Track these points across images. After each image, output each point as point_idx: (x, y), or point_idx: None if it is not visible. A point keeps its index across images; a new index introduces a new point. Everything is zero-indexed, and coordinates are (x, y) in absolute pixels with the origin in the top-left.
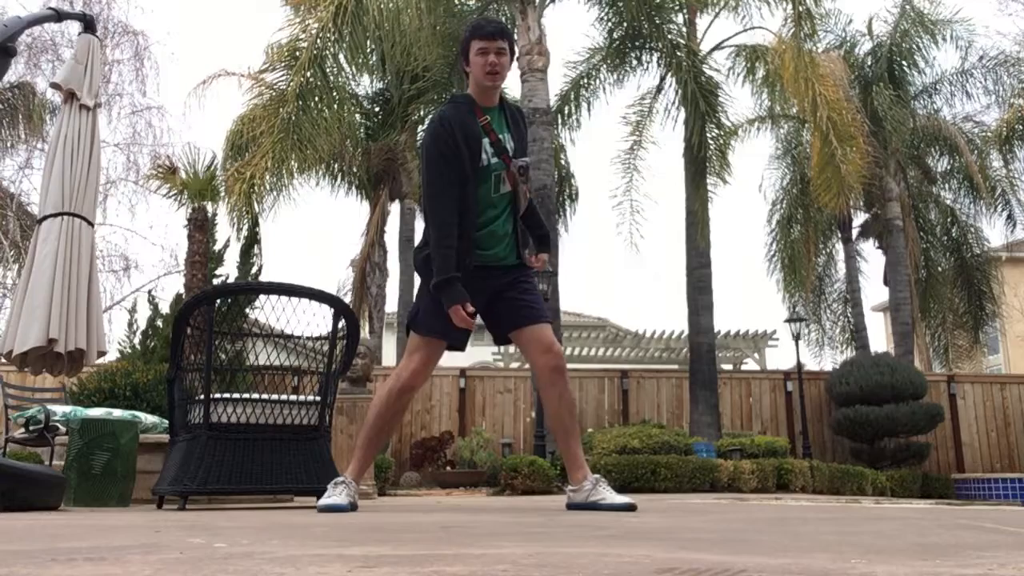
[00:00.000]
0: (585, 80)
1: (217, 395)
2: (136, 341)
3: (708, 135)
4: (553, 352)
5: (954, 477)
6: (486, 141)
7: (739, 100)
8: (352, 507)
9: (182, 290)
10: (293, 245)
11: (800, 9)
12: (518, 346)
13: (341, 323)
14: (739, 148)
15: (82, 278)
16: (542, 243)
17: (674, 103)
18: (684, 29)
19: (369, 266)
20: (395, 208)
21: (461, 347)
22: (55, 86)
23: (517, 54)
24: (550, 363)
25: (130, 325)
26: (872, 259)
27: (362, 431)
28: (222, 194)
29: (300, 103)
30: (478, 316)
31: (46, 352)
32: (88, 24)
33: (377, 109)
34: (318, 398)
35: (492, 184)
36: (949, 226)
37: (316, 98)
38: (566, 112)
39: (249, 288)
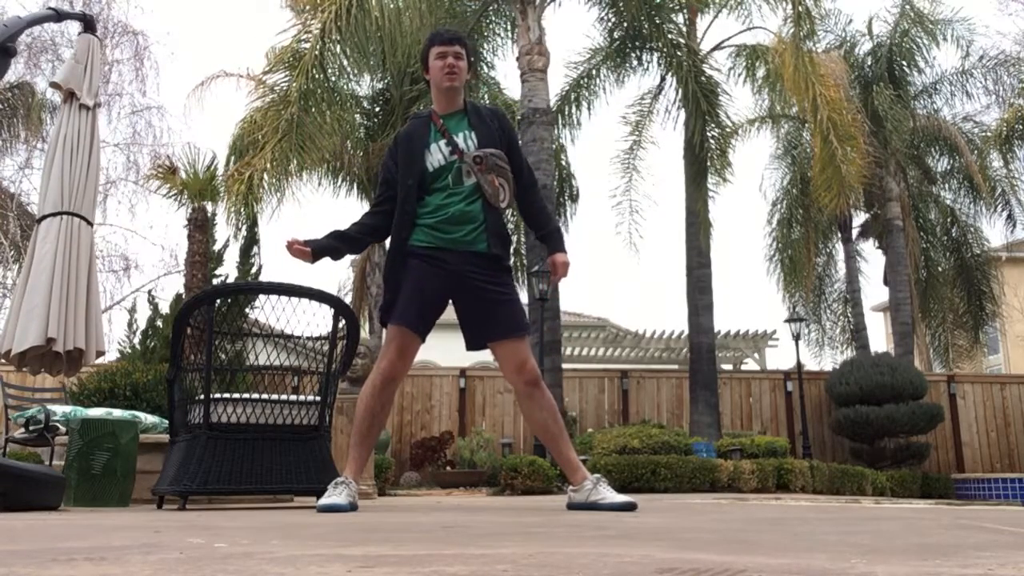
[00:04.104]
0: (585, 80)
1: (217, 395)
2: (136, 341)
3: (709, 134)
4: (526, 369)
5: (954, 477)
6: (441, 143)
7: (739, 100)
8: (352, 507)
9: (182, 290)
10: None
11: (800, 9)
12: (494, 356)
13: (341, 323)
14: (739, 148)
15: (81, 278)
16: (548, 241)
17: (674, 103)
18: (684, 29)
19: (369, 266)
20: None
21: (421, 336)
22: (55, 86)
23: (517, 54)
24: (524, 379)
25: (130, 325)
26: (872, 259)
27: (353, 429)
28: (222, 194)
29: (303, 103)
30: (454, 313)
31: (45, 351)
32: (88, 24)
33: (377, 109)
34: (318, 398)
35: (452, 176)
36: (949, 226)
37: (318, 99)
38: (566, 112)
39: (249, 288)
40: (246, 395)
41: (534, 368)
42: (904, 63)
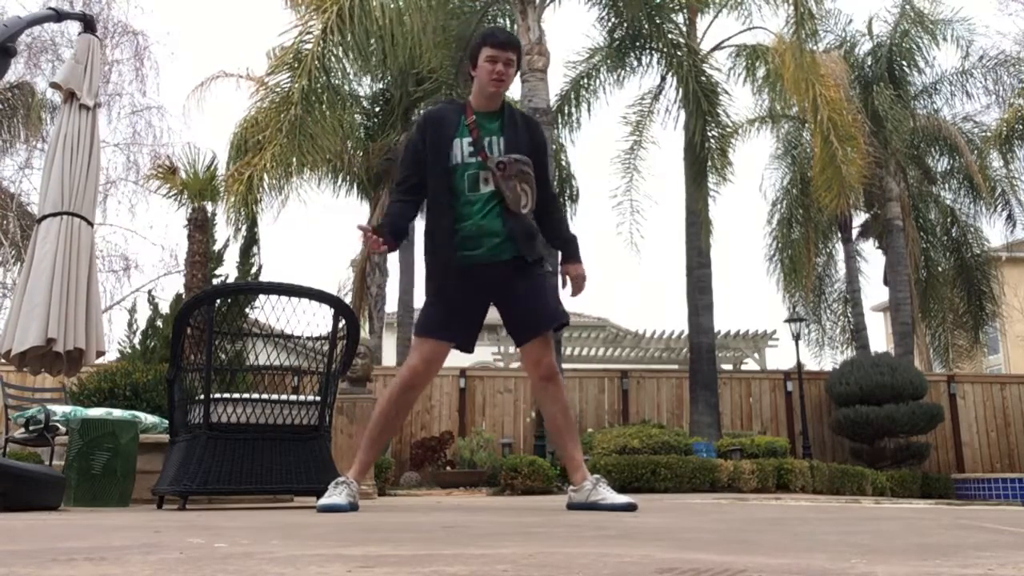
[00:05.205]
0: (585, 80)
1: (217, 395)
2: (136, 341)
3: (709, 134)
4: (542, 365)
5: (954, 477)
6: (465, 140)
7: (739, 100)
8: (352, 507)
9: (182, 290)
10: (293, 245)
11: (802, 10)
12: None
13: (341, 323)
14: (739, 148)
15: (81, 278)
16: (564, 249)
17: (675, 103)
18: (684, 29)
19: (369, 266)
20: None
21: (465, 348)
22: (55, 86)
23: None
24: (539, 373)
25: (130, 325)
26: (872, 259)
27: (366, 431)
28: (222, 194)
29: (305, 104)
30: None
31: (45, 352)
32: (88, 24)
33: (377, 109)
34: (318, 398)
35: (467, 182)
36: (949, 226)
37: (320, 100)
38: (566, 112)
39: (249, 288)
40: (246, 395)
41: (551, 364)
42: (904, 63)
